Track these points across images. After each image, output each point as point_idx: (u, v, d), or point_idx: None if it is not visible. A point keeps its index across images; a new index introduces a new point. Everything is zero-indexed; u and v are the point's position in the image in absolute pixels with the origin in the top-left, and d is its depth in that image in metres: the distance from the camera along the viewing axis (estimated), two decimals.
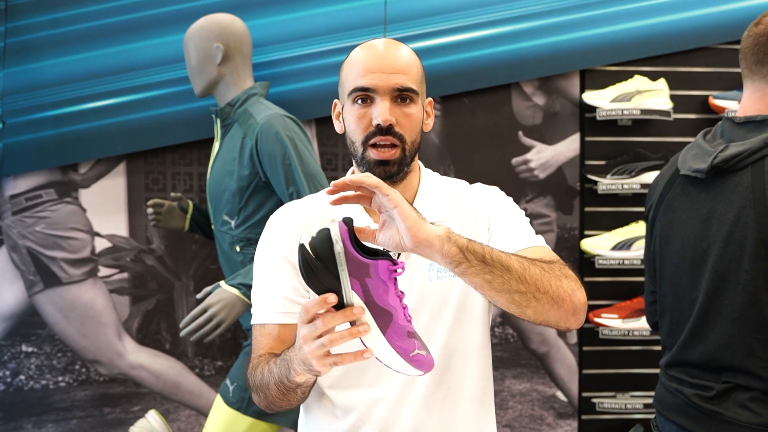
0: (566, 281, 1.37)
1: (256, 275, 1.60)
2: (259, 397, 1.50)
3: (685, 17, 2.97)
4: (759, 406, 1.74)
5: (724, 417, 1.77)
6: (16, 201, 2.93)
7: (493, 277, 1.28)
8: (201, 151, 2.94)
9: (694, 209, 1.87)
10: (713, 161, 1.80)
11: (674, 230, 1.91)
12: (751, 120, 1.82)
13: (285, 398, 1.44)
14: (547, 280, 1.33)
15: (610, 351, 3.00)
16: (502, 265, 1.28)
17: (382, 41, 1.57)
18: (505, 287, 1.29)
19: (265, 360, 1.49)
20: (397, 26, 2.89)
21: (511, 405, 3.02)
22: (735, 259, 1.76)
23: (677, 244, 1.90)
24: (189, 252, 2.99)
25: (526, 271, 1.31)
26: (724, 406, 1.78)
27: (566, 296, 1.36)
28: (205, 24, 2.60)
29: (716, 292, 1.80)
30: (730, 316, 1.77)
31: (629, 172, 2.87)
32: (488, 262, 1.27)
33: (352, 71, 1.53)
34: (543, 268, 1.35)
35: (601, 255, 2.87)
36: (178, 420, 2.97)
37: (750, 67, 1.85)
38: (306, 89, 2.89)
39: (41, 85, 2.89)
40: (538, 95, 3.00)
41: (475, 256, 1.26)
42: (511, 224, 1.55)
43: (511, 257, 1.31)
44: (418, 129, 1.55)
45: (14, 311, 2.95)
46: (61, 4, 2.89)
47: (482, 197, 1.60)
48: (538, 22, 2.94)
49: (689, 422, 1.84)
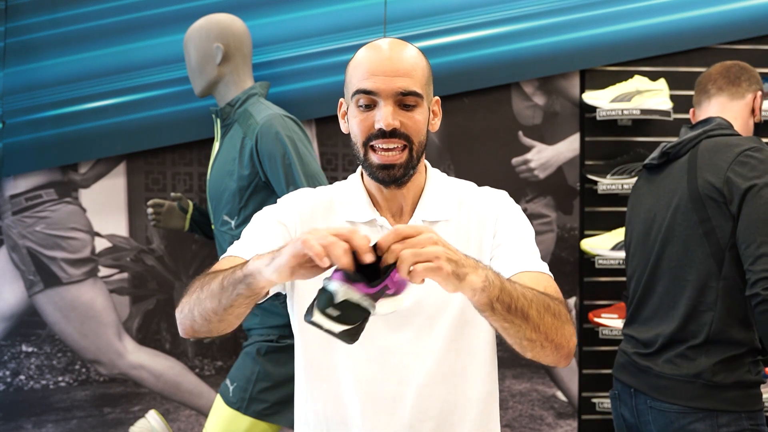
0: (567, 327, 1.39)
1: (250, 225, 1.57)
2: (189, 299, 1.45)
3: (685, 17, 2.97)
4: (682, 360, 2.08)
5: (653, 371, 2.12)
6: (16, 201, 2.93)
7: (511, 325, 1.30)
8: (201, 151, 2.94)
9: (649, 191, 2.27)
10: (663, 148, 2.24)
11: (635, 212, 2.32)
12: (699, 121, 2.27)
13: (219, 297, 1.35)
14: (556, 329, 1.36)
15: (610, 351, 3.00)
16: (522, 315, 1.30)
17: (387, 42, 1.55)
18: (519, 335, 1.32)
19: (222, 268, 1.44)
20: (397, 26, 2.89)
21: (511, 405, 3.02)
22: (673, 218, 2.13)
23: (637, 223, 2.29)
24: (189, 252, 2.99)
25: (541, 320, 1.33)
26: (654, 362, 2.13)
27: (566, 343, 1.39)
28: (205, 24, 2.60)
29: (661, 251, 2.16)
30: (670, 268, 2.13)
31: (629, 172, 2.87)
32: (511, 312, 1.28)
33: (356, 72, 1.52)
34: (554, 314, 1.36)
35: (601, 255, 2.87)
36: (178, 420, 2.97)
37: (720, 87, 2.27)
38: (306, 89, 2.89)
39: (41, 85, 2.89)
40: (538, 95, 3.00)
41: (502, 306, 1.27)
42: (518, 242, 1.55)
43: (532, 304, 1.31)
44: (424, 130, 1.53)
45: (14, 311, 2.95)
46: (61, 4, 2.89)
47: (490, 203, 1.59)
48: (538, 22, 2.94)
49: (629, 378, 2.19)
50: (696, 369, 2.06)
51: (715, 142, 2.14)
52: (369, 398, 1.52)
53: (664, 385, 2.10)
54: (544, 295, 1.37)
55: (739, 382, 2.04)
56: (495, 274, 1.27)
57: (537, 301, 1.33)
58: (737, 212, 2.01)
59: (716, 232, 2.05)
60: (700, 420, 2.04)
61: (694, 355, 2.07)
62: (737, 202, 2.01)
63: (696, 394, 2.05)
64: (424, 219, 1.54)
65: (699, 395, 2.05)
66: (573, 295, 3.00)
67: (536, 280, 1.46)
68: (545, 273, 1.51)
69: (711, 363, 2.04)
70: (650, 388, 2.13)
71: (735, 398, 2.04)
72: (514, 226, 1.56)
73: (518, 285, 1.32)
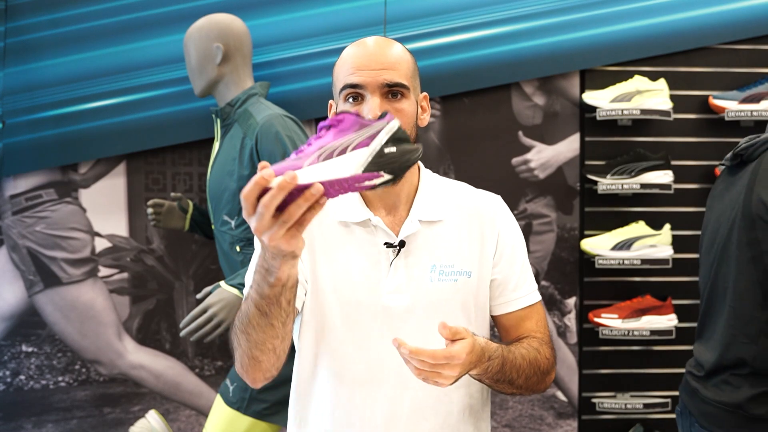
0: (550, 375, 1.55)
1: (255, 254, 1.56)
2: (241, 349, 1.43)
3: (685, 17, 2.97)
4: (726, 387, 1.86)
5: (700, 395, 1.92)
6: (16, 201, 2.93)
7: (494, 387, 1.46)
8: (201, 151, 2.95)
9: (720, 196, 1.98)
10: (735, 150, 1.91)
11: (708, 215, 2.03)
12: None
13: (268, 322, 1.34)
14: (537, 383, 1.50)
15: (610, 351, 3.00)
16: (509, 383, 1.44)
17: (372, 39, 1.57)
18: (501, 391, 1.48)
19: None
20: (397, 26, 2.89)
21: (511, 405, 3.02)
22: (729, 235, 1.86)
23: (707, 230, 2.01)
24: (189, 252, 2.99)
25: (525, 383, 1.48)
26: (703, 384, 1.92)
27: (545, 387, 1.54)
28: (205, 24, 2.60)
29: (718, 268, 1.90)
30: (723, 289, 1.87)
31: (629, 172, 2.87)
32: (499, 382, 1.43)
33: (342, 69, 1.54)
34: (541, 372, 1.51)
35: (601, 255, 2.87)
36: (178, 420, 2.97)
37: None
38: (306, 89, 2.89)
39: (41, 85, 2.89)
40: (538, 95, 3.00)
41: (491, 380, 1.42)
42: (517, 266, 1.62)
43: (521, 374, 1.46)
44: (413, 123, 1.54)
45: (14, 311, 2.95)
46: (61, 4, 2.89)
47: (488, 207, 1.62)
48: (538, 22, 2.94)
49: (685, 397, 2.00)
50: (738, 398, 1.85)
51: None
52: (366, 400, 1.52)
53: (708, 411, 1.91)
54: (537, 353, 1.51)
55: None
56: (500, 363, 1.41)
57: (529, 370, 1.47)
58: None
59: (764, 258, 1.78)
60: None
61: (738, 383, 1.85)
62: None
63: (736, 424, 1.86)
64: (420, 219, 1.54)
65: (739, 425, 1.86)
66: (573, 295, 3.00)
67: (528, 316, 1.60)
68: (536, 304, 1.63)
69: (754, 393, 1.82)
70: (698, 412, 1.95)
71: None
72: (514, 246, 1.63)
73: (518, 358, 1.46)
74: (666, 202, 2.97)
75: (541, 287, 2.98)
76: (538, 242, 3.00)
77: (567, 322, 3.01)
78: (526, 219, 2.99)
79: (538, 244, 3.00)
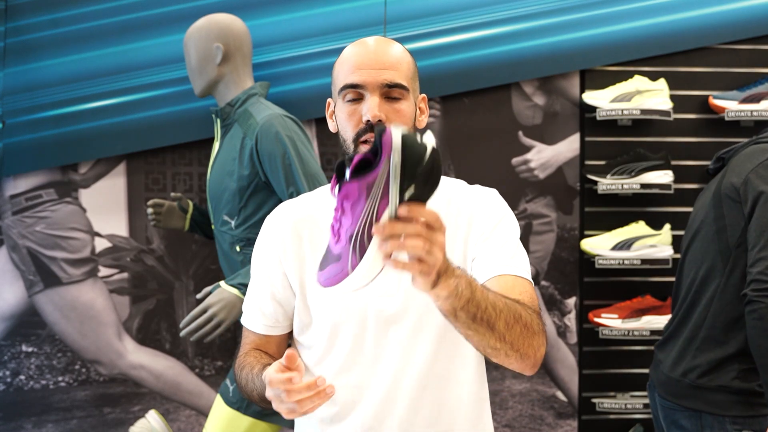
0: (537, 338, 1.36)
1: (251, 277, 1.63)
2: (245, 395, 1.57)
3: (685, 17, 2.97)
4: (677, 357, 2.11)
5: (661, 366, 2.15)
6: (16, 201, 2.93)
7: (474, 333, 1.27)
8: (201, 151, 2.94)
9: (701, 195, 2.24)
10: (718, 154, 2.18)
11: (690, 221, 2.26)
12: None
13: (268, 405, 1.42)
14: (523, 339, 1.32)
15: (610, 351, 3.00)
16: (488, 325, 1.26)
17: (372, 39, 1.57)
18: (482, 343, 1.29)
19: (249, 364, 1.53)
20: (397, 26, 2.89)
21: (511, 405, 3.02)
22: (702, 216, 2.14)
23: (688, 232, 2.24)
24: (189, 252, 2.99)
25: (508, 331, 1.29)
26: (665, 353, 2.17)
27: (533, 353, 1.36)
28: (205, 24, 2.60)
29: (688, 246, 2.19)
30: (689, 261, 2.16)
31: (629, 172, 2.87)
32: (476, 321, 1.24)
33: (342, 69, 1.54)
34: (524, 325, 1.32)
35: (601, 255, 2.87)
36: (178, 420, 2.97)
37: None
38: (306, 89, 2.89)
39: (41, 85, 2.89)
40: (538, 95, 3.00)
41: (467, 314, 1.23)
42: (502, 242, 1.51)
43: (501, 314, 1.27)
44: (411, 125, 1.53)
45: (14, 311, 2.95)
46: (61, 4, 2.89)
47: (480, 201, 1.56)
48: (538, 22, 2.94)
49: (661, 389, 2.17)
50: (685, 368, 2.07)
51: (758, 148, 2.09)
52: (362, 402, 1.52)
53: (661, 380, 2.14)
54: (517, 304, 1.34)
55: (723, 387, 2.01)
56: (467, 282, 1.22)
57: (507, 311, 1.29)
58: (749, 214, 2.00)
59: (727, 230, 2.05)
60: (686, 418, 2.07)
61: (686, 352, 2.09)
62: (750, 204, 2.00)
63: (683, 394, 2.07)
64: None
65: (686, 395, 2.06)
66: (573, 295, 3.00)
67: (512, 285, 1.43)
68: (523, 278, 1.47)
69: (699, 363, 2.05)
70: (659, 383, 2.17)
71: (720, 402, 2.02)
72: (500, 225, 1.53)
73: (491, 294, 1.28)
74: (666, 202, 2.97)
75: (541, 287, 2.99)
76: (538, 242, 3.00)
77: (567, 322, 3.01)
78: (526, 219, 2.99)
79: (538, 244, 3.00)
